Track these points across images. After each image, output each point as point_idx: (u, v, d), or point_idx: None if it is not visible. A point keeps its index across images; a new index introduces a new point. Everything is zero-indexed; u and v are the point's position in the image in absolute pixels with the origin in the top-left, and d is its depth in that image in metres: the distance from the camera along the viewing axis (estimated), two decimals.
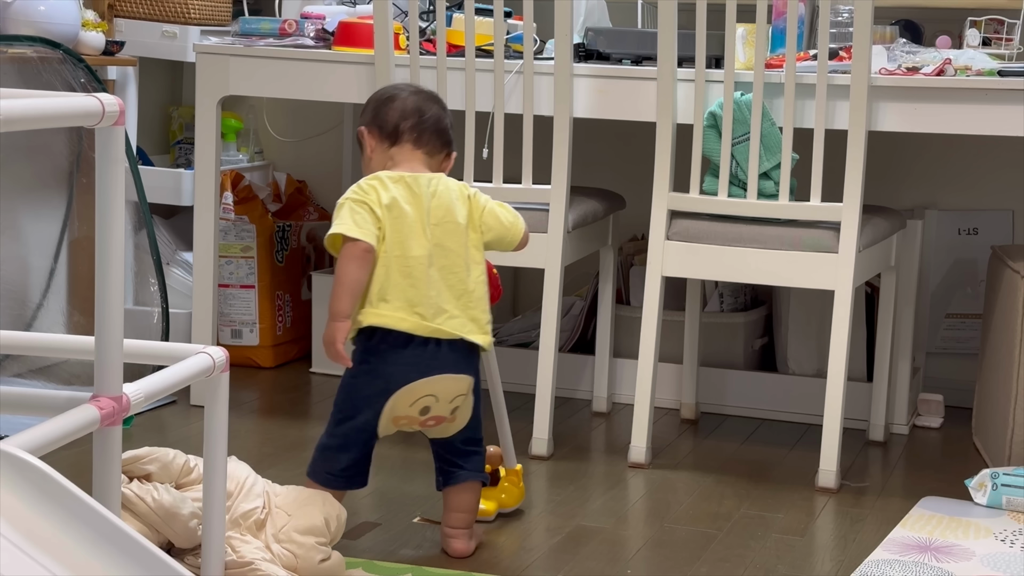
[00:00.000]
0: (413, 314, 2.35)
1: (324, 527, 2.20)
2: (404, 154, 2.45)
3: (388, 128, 2.46)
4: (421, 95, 2.50)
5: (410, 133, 2.46)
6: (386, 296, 2.34)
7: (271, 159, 4.09)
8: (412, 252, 2.36)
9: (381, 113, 2.48)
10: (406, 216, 2.36)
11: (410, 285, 2.35)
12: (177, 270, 3.72)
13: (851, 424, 3.23)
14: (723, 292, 3.57)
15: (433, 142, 2.47)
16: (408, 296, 2.35)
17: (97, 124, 1.63)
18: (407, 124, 2.45)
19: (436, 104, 2.50)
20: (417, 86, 2.60)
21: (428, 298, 2.35)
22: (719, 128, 2.94)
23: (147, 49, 3.66)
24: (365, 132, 2.48)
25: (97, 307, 1.70)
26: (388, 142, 2.46)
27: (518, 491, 2.68)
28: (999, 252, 3.22)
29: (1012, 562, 2.49)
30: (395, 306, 2.34)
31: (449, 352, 2.37)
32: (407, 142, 2.45)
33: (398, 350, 2.35)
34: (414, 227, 2.37)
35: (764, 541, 2.58)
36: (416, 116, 2.46)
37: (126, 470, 2.14)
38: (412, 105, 2.47)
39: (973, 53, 3.02)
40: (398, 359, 2.35)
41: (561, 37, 2.99)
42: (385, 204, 2.36)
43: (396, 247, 2.35)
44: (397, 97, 2.48)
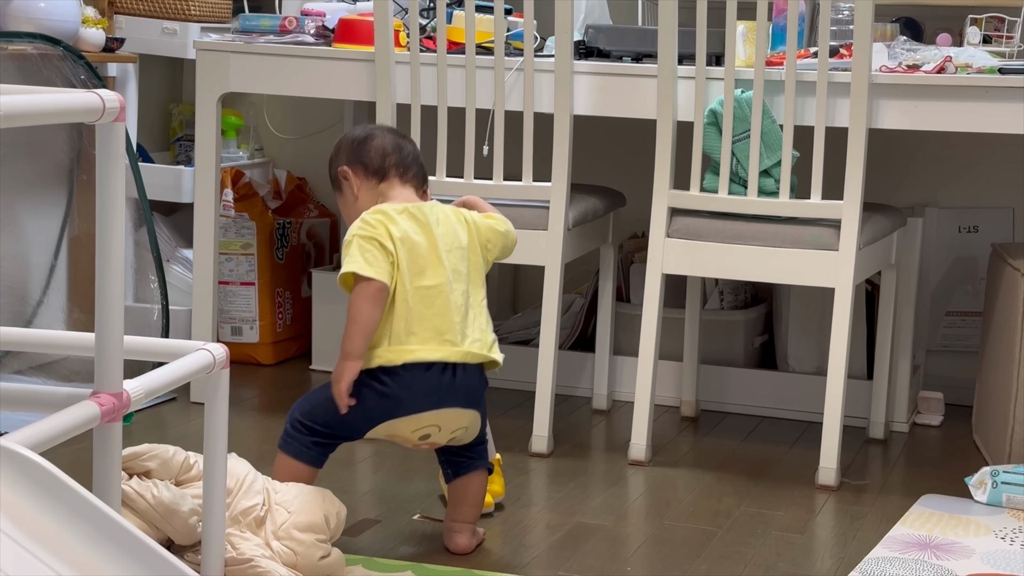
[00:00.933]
0: (443, 343, 2.34)
1: (324, 524, 2.20)
2: (394, 189, 2.46)
3: (374, 166, 2.46)
4: (395, 133, 2.53)
5: (396, 168, 2.46)
6: (413, 329, 2.33)
7: (271, 156, 4.09)
8: (431, 281, 2.35)
9: (362, 152, 2.48)
10: (419, 247, 2.36)
11: (435, 314, 2.34)
12: (177, 267, 3.72)
13: (851, 422, 3.23)
14: (723, 290, 3.57)
15: (418, 176, 2.49)
16: (435, 325, 2.34)
17: (97, 120, 1.63)
18: (391, 160, 2.47)
19: (409, 141, 2.53)
20: (386, 125, 2.61)
21: (454, 324, 2.35)
22: (719, 125, 2.94)
23: (147, 46, 3.66)
24: (349, 172, 2.47)
25: (97, 304, 1.70)
26: (376, 179, 2.46)
27: (502, 480, 2.68)
28: (999, 250, 3.22)
29: (1012, 560, 2.49)
30: (423, 338, 2.33)
31: (464, 381, 2.36)
32: (395, 177, 2.46)
33: (418, 374, 2.33)
34: (429, 257, 2.36)
35: (764, 538, 2.58)
36: (398, 152, 2.48)
37: (126, 467, 2.14)
38: (391, 142, 2.48)
39: (974, 51, 3.01)
40: (413, 385, 2.33)
41: (561, 34, 2.98)
42: (397, 237, 2.34)
43: (415, 278, 2.34)
44: (375, 135, 2.49)
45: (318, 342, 3.71)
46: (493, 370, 2.44)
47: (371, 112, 3.20)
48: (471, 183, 3.10)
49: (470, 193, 3.07)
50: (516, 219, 3.07)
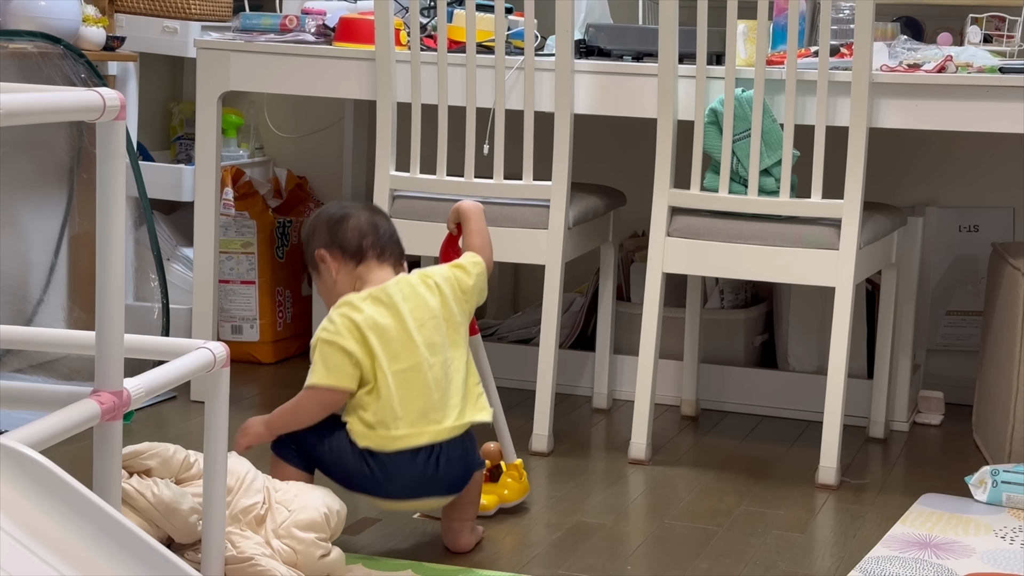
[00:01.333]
0: (429, 422, 2.35)
1: (324, 523, 2.20)
2: (371, 271, 2.46)
3: (351, 248, 2.46)
4: (370, 210, 2.53)
5: (373, 249, 2.46)
6: (399, 413, 2.33)
7: (272, 155, 4.09)
8: (407, 363, 2.35)
9: (339, 234, 2.47)
10: (388, 330, 2.36)
11: (417, 395, 2.35)
12: (177, 266, 3.72)
13: (851, 421, 3.23)
14: (724, 289, 3.57)
15: (394, 254, 2.49)
16: (418, 407, 2.35)
17: (98, 119, 1.63)
18: (368, 241, 2.46)
19: (384, 217, 2.53)
20: (360, 202, 2.60)
21: (435, 402, 2.36)
22: (720, 125, 2.94)
23: (148, 44, 3.66)
24: (327, 255, 2.46)
25: (98, 302, 1.70)
26: (353, 261, 2.46)
27: (520, 486, 2.68)
28: (1000, 249, 3.22)
29: (1012, 559, 2.49)
30: (410, 420, 2.34)
31: (447, 471, 2.37)
32: (372, 259, 2.46)
33: (403, 463, 2.34)
34: (400, 338, 2.36)
35: (764, 537, 2.58)
36: (374, 232, 2.47)
37: (126, 465, 2.14)
38: (367, 221, 2.48)
39: (974, 50, 3.01)
40: (396, 476, 2.34)
41: (562, 33, 2.98)
42: (365, 327, 2.35)
43: (391, 363, 2.35)
44: (350, 215, 2.49)
45: None
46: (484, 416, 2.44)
47: (371, 111, 3.20)
48: (471, 182, 3.10)
49: (471, 193, 3.08)
50: (516, 218, 3.08)
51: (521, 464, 2.70)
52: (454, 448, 2.37)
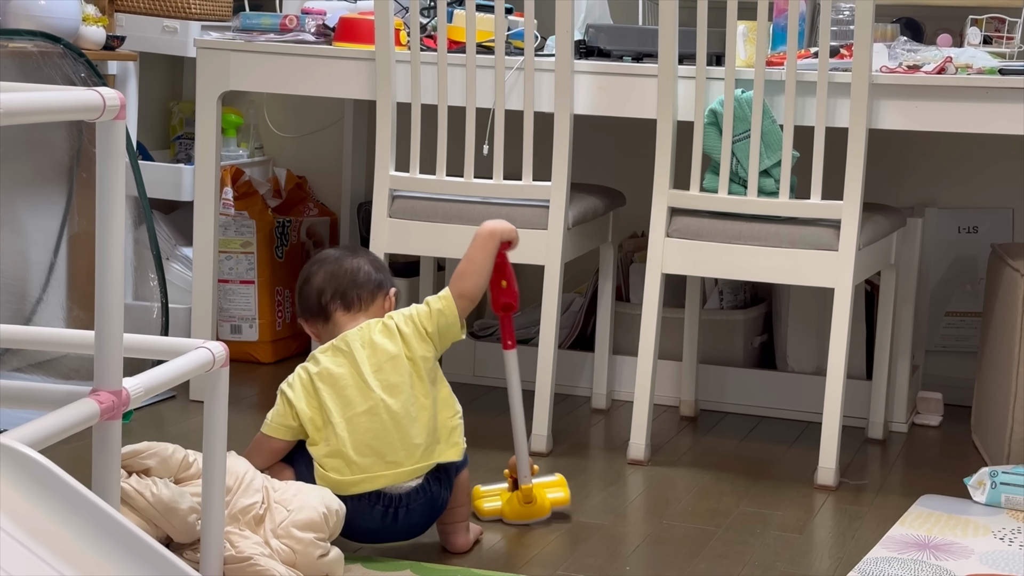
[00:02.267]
0: (387, 465, 2.35)
1: (323, 523, 2.20)
2: (342, 322, 2.47)
3: (314, 309, 2.50)
4: (331, 258, 2.53)
5: (333, 304, 2.48)
6: (353, 458, 2.35)
7: (271, 155, 4.09)
8: (361, 407, 2.37)
9: (304, 300, 2.52)
10: (342, 378, 2.38)
11: (373, 438, 2.36)
12: (177, 265, 3.72)
13: (850, 422, 3.23)
14: (723, 289, 3.57)
15: (361, 298, 2.49)
16: (374, 449, 2.35)
17: (98, 118, 1.63)
18: (327, 297, 2.49)
19: (349, 259, 2.52)
20: (329, 249, 2.61)
21: (393, 443, 2.36)
22: (720, 125, 2.94)
23: (147, 44, 3.66)
24: (303, 323, 2.54)
25: (97, 301, 1.70)
26: (322, 320, 2.49)
27: (522, 509, 2.61)
28: (999, 250, 3.22)
29: (1011, 560, 2.49)
30: (364, 465, 2.35)
31: (406, 521, 2.38)
32: (336, 311, 2.48)
33: (363, 510, 2.36)
34: (355, 384, 2.38)
35: (763, 538, 2.58)
36: (332, 285, 2.49)
37: (125, 465, 2.14)
38: (324, 277, 2.49)
39: (974, 51, 3.01)
40: (355, 520, 2.35)
41: (562, 34, 2.98)
42: (319, 380, 2.38)
43: (344, 410, 2.37)
44: (311, 276, 2.51)
45: None
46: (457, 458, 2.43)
47: (371, 111, 3.20)
48: (471, 182, 3.10)
49: (471, 193, 3.09)
50: (516, 218, 3.08)
51: (531, 489, 2.61)
52: (415, 499, 2.37)
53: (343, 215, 4.01)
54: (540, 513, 2.63)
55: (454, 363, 3.53)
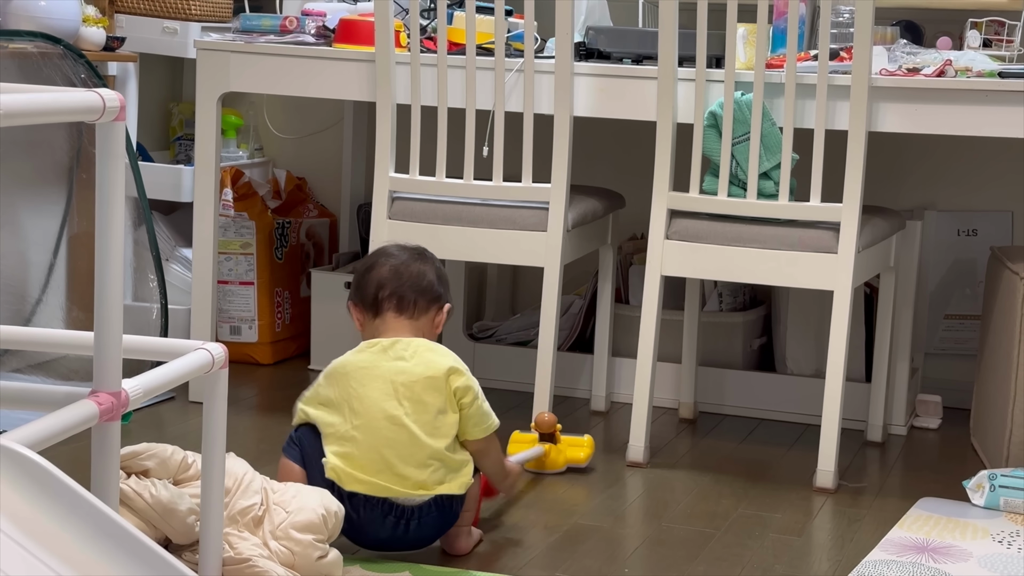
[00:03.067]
0: (394, 476, 2.34)
1: (322, 524, 2.20)
2: (388, 323, 2.46)
3: (368, 301, 2.48)
4: (402, 256, 2.50)
5: (389, 301, 2.46)
6: (360, 462, 2.34)
7: (271, 156, 4.09)
8: (383, 415, 2.35)
9: (361, 285, 2.50)
10: (366, 384, 2.37)
11: (383, 445, 2.34)
12: (176, 266, 3.72)
13: (849, 424, 3.23)
14: (722, 292, 3.57)
15: (417, 304, 2.47)
16: (385, 457, 2.34)
17: (98, 120, 1.63)
18: (384, 293, 2.46)
19: (418, 262, 2.49)
20: (403, 244, 2.57)
21: (406, 456, 2.34)
22: (719, 128, 2.94)
23: (148, 45, 3.66)
24: (351, 306, 2.51)
25: (96, 302, 1.70)
26: (371, 314, 2.48)
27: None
28: (998, 253, 3.22)
29: (1009, 563, 2.49)
30: (374, 469, 2.33)
31: (417, 533, 2.37)
32: (388, 311, 2.46)
33: (375, 518, 2.34)
34: (384, 388, 2.36)
35: (761, 540, 2.58)
36: (393, 283, 2.47)
37: (124, 466, 2.14)
38: (388, 272, 2.47)
39: (974, 54, 3.02)
40: (366, 527, 2.35)
41: (562, 36, 2.98)
42: (346, 372, 2.39)
43: (362, 415, 2.35)
44: (375, 266, 2.49)
45: (317, 342, 3.71)
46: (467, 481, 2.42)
47: (371, 113, 3.20)
48: (471, 184, 3.10)
49: (470, 195, 3.09)
50: (516, 220, 3.09)
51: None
52: (428, 511, 2.36)
53: (343, 216, 4.01)
54: (553, 466, 2.90)
55: None
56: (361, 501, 2.34)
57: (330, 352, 3.65)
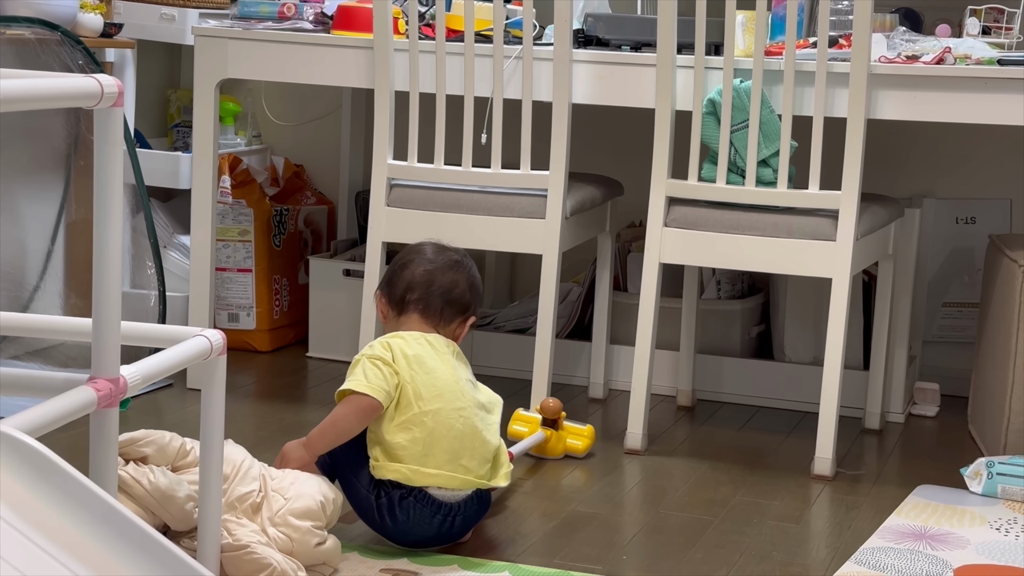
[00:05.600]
0: (459, 467, 2.34)
1: (320, 511, 2.20)
2: (412, 324, 2.45)
3: (396, 298, 2.47)
4: (438, 261, 2.48)
5: (415, 305, 2.46)
6: (432, 451, 2.32)
7: (269, 143, 4.09)
8: (453, 404, 2.35)
9: (393, 280, 2.49)
10: (435, 371, 2.36)
11: (455, 438, 2.34)
12: (174, 253, 3.71)
13: (847, 412, 3.23)
14: (720, 279, 3.57)
15: (444, 313, 2.46)
16: (455, 449, 2.33)
17: (96, 105, 1.63)
18: (413, 296, 2.46)
19: (453, 270, 2.48)
20: (443, 246, 2.54)
21: (470, 451, 2.35)
22: (718, 115, 2.94)
23: (145, 31, 3.65)
24: (379, 296, 2.50)
25: (95, 289, 1.70)
26: (396, 311, 2.47)
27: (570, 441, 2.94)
28: (996, 241, 3.22)
29: (1007, 551, 2.50)
30: (439, 461, 2.32)
31: (461, 526, 2.37)
32: (413, 313, 2.46)
33: (424, 516, 2.33)
34: (447, 380, 2.36)
35: (759, 528, 2.59)
36: (423, 288, 2.45)
37: (122, 452, 2.14)
38: (421, 275, 2.46)
39: (973, 42, 3.01)
40: (415, 526, 2.33)
41: (560, 23, 2.98)
42: (411, 356, 2.35)
43: (434, 401, 2.34)
44: (410, 264, 2.47)
45: (315, 329, 3.71)
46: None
47: (369, 99, 3.19)
48: (469, 171, 3.10)
49: (469, 182, 3.09)
50: (514, 207, 3.08)
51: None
52: (471, 505, 2.37)
53: (341, 204, 4.00)
54: (552, 453, 2.92)
55: None
56: (411, 503, 2.32)
57: (329, 340, 3.68)
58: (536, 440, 2.89)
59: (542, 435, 2.91)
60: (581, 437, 2.97)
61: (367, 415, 2.32)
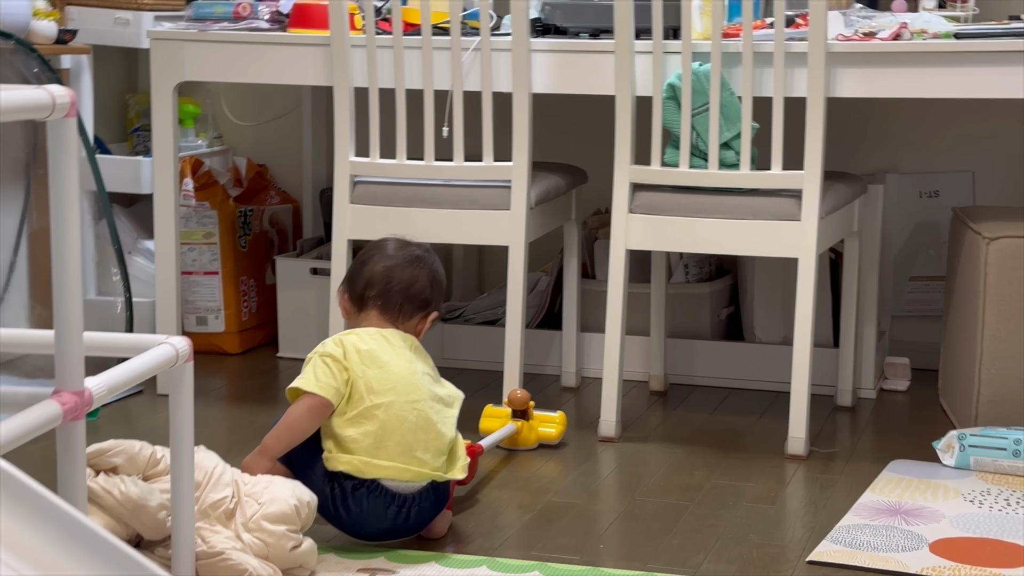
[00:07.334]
0: (413, 459, 2.33)
1: (294, 514, 2.19)
2: (371, 321, 2.45)
3: (356, 294, 2.47)
4: (398, 257, 2.47)
5: (374, 302, 2.45)
6: (384, 444, 2.32)
7: (231, 144, 4.06)
8: (407, 397, 2.34)
9: (354, 277, 2.49)
10: (390, 365, 2.35)
11: (408, 430, 2.33)
12: (140, 259, 3.69)
13: (819, 390, 3.24)
14: (688, 263, 3.57)
15: (403, 309, 2.46)
16: (408, 441, 2.33)
17: (48, 117, 1.61)
18: (372, 293, 2.45)
19: (413, 266, 2.47)
20: (405, 242, 2.53)
21: (427, 442, 2.34)
22: (678, 99, 2.94)
23: (100, 36, 3.62)
24: (341, 292, 2.50)
25: (55, 302, 1.69)
26: (356, 308, 2.47)
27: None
28: (960, 214, 3.23)
29: (981, 522, 2.51)
30: (392, 454, 2.32)
31: (417, 518, 2.35)
32: (372, 309, 2.46)
33: (378, 507, 2.32)
34: (402, 374, 2.36)
35: (735, 510, 2.59)
36: (382, 284, 2.45)
37: (92, 463, 2.13)
38: (380, 271, 2.45)
39: (929, 16, 3.02)
40: (368, 517, 2.33)
41: (518, 12, 2.97)
42: (364, 351, 2.35)
43: (386, 394, 2.33)
44: (369, 261, 2.47)
45: (285, 329, 3.70)
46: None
47: (330, 96, 3.18)
48: (432, 165, 3.09)
49: (432, 176, 3.08)
50: (478, 200, 3.08)
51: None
52: (426, 496, 2.36)
53: (306, 202, 3.99)
54: (525, 443, 2.92)
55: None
56: (363, 494, 2.32)
57: (299, 340, 3.66)
58: (507, 432, 2.89)
59: (513, 427, 2.90)
60: (553, 424, 2.97)
61: (319, 414, 2.34)
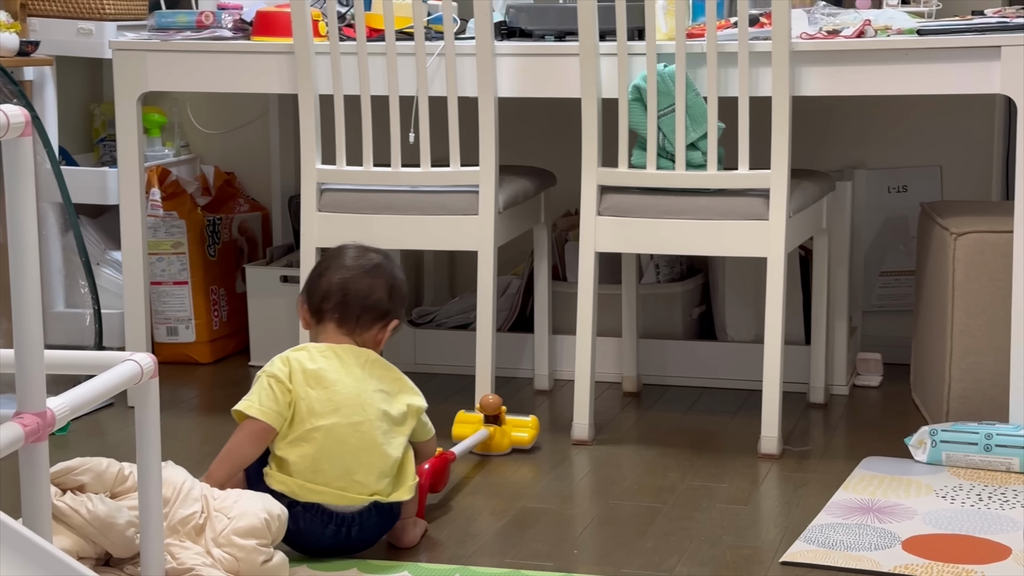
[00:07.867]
0: (352, 483, 2.31)
1: (265, 528, 2.18)
2: (328, 334, 2.43)
3: (313, 305, 2.44)
4: (355, 266, 2.44)
5: (331, 314, 2.43)
6: (321, 467, 2.30)
7: (198, 152, 4.04)
8: (350, 419, 2.32)
9: (311, 287, 2.46)
10: (336, 385, 2.33)
11: (348, 453, 2.31)
12: (108, 270, 3.66)
13: (791, 388, 3.24)
14: (659, 263, 3.57)
15: (360, 320, 2.43)
16: (347, 465, 2.31)
17: (2, 137, 1.60)
18: (328, 304, 2.42)
19: (370, 275, 2.43)
20: (364, 249, 2.50)
21: (369, 464, 2.32)
22: (644, 101, 2.93)
23: (63, 47, 3.59)
24: (300, 303, 2.48)
25: (15, 322, 1.67)
26: (315, 319, 2.45)
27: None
28: (928, 209, 3.24)
29: (953, 518, 2.52)
30: (329, 477, 2.30)
31: (359, 536, 2.33)
32: (330, 322, 2.43)
33: (316, 526, 2.31)
34: (347, 395, 2.33)
35: (709, 512, 2.59)
36: (339, 296, 2.42)
37: (59, 482, 2.11)
38: (336, 283, 2.42)
39: (893, 12, 3.02)
40: (307, 535, 2.32)
41: (481, 16, 2.96)
42: (310, 370, 2.33)
43: (328, 416, 2.31)
44: (326, 272, 2.44)
45: (256, 338, 3.68)
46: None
47: (295, 104, 3.16)
48: (398, 171, 3.08)
49: (399, 182, 3.07)
50: (446, 205, 3.07)
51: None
52: (368, 516, 2.34)
53: (275, 209, 3.97)
54: (498, 448, 2.91)
55: (394, 351, 3.51)
56: (299, 511, 2.30)
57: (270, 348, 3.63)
58: (480, 438, 2.88)
59: (485, 432, 2.89)
60: (526, 428, 2.96)
61: (261, 439, 2.33)
